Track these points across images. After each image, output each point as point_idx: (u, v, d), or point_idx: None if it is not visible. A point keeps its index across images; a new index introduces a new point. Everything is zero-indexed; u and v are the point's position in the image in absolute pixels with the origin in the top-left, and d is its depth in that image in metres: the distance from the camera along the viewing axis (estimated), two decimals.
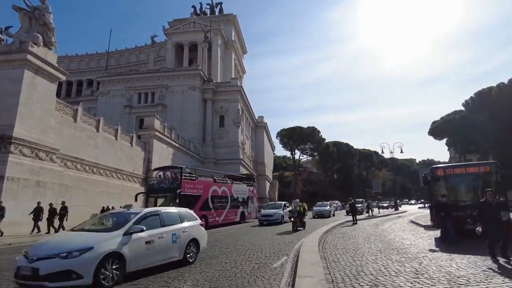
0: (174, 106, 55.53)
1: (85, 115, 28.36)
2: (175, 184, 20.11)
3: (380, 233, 15.11)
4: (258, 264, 8.11)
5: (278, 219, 23.07)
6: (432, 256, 8.45)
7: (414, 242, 11.43)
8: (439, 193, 13.19)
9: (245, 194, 28.83)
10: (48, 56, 22.13)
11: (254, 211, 30.43)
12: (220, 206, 24.19)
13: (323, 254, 8.97)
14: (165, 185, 20.85)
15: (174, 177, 20.93)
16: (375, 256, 8.69)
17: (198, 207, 20.51)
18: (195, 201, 20.69)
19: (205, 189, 22.37)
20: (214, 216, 23.16)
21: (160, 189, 20.76)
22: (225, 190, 25.27)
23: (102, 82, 61.27)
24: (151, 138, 37.16)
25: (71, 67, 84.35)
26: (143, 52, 79.40)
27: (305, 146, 75.11)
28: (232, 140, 56.76)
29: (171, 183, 20.42)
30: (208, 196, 22.58)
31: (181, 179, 20.18)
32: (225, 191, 25.29)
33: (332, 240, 12.65)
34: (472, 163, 13.78)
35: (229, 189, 25.93)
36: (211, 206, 22.74)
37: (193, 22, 70.19)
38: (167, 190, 19.98)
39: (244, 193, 28.70)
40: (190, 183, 20.99)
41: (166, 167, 23.05)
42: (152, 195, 20.50)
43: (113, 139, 31.37)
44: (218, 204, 23.95)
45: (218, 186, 24.50)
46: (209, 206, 22.52)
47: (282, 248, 10.88)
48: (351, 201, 26.11)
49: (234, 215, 26.17)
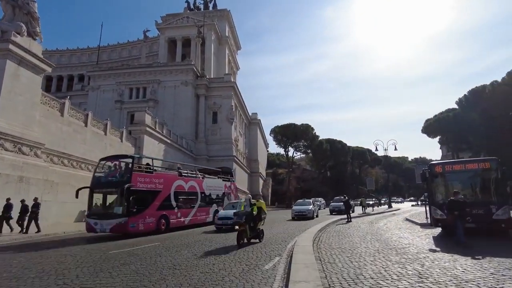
0: (166, 101, 54.59)
1: (73, 109, 27.47)
2: (124, 177, 16.36)
3: (375, 231, 14.65)
4: (248, 266, 7.53)
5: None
6: (434, 257, 7.96)
7: (412, 241, 10.96)
8: (437, 190, 12.80)
9: (220, 190, 25.23)
10: (32, 46, 21.20)
11: None
12: (187, 204, 20.56)
13: (318, 255, 8.42)
14: (114, 178, 17.10)
15: (124, 168, 17.20)
16: (373, 256, 8.17)
17: (156, 206, 17.39)
18: (152, 198, 17.35)
19: (166, 184, 18.52)
20: (178, 216, 19.45)
21: (108, 183, 17.02)
22: (193, 185, 21.42)
23: (93, 77, 60.04)
24: (142, 134, 36.32)
25: (62, 61, 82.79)
26: (135, 47, 78.08)
27: (299, 143, 74.66)
28: (225, 137, 56.06)
29: (121, 176, 16.74)
30: (171, 192, 18.83)
31: (131, 171, 16.45)
32: (194, 187, 21.45)
33: (327, 238, 12.14)
34: (471, 159, 13.30)
35: (199, 185, 22.07)
36: (174, 205, 19.10)
37: (186, 17, 69.14)
38: (115, 184, 16.38)
39: (219, 189, 25.12)
40: (145, 177, 17.17)
41: (116, 156, 18.92)
42: (99, 190, 16.96)
43: (102, 134, 30.54)
44: (184, 202, 20.31)
45: (185, 181, 20.57)
46: (172, 205, 18.96)
47: (274, 248, 10.31)
48: (345, 198, 25.67)
49: (206, 215, 22.40)
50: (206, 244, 11.73)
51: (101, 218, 15.80)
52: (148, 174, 17.52)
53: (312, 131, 74.46)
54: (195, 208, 21.27)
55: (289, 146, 75.11)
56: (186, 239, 13.98)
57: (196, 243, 12.10)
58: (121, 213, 15.55)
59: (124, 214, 15.47)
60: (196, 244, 11.91)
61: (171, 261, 8.42)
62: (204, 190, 22.47)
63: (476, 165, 12.08)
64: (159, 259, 8.86)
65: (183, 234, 16.28)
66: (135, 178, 16.20)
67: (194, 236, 14.96)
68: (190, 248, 10.90)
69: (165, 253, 9.86)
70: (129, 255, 9.62)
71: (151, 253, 10.00)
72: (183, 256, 9.17)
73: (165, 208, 18.24)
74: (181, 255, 9.46)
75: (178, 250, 10.39)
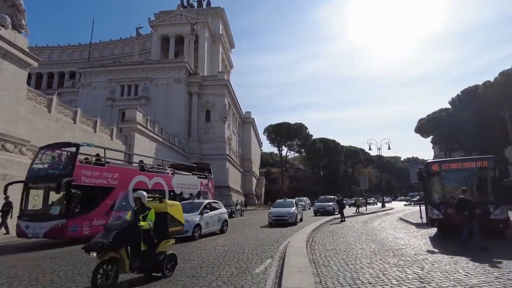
0: (159, 99, 53.85)
1: (61, 105, 26.73)
2: (65, 169, 13.44)
3: (370, 231, 14.29)
4: (238, 269, 7.07)
5: (188, 231, 12.38)
6: (433, 259, 7.58)
7: (408, 242, 10.60)
8: (434, 190, 12.47)
9: (195, 188, 22.60)
10: (17, 40, 20.43)
11: None
12: None
13: (312, 257, 7.99)
14: (55, 171, 14.13)
15: (66, 159, 14.26)
16: (369, 258, 7.77)
17: (108, 206, 13.85)
18: (103, 196, 14.55)
19: (122, 179, 15.78)
20: None
21: (46, 176, 14.01)
22: (160, 182, 18.58)
23: (84, 74, 59.05)
24: (133, 132, 35.65)
25: (53, 58, 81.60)
26: (128, 45, 77.18)
27: (292, 142, 74.52)
28: (218, 136, 55.53)
29: (63, 168, 13.82)
30: (129, 189, 15.84)
31: (74, 162, 13.49)
32: (160, 184, 18.60)
33: (321, 239, 11.72)
34: (469, 158, 13.02)
35: (167, 182, 19.31)
36: (133, 205, 16.46)
37: (180, 15, 68.44)
38: (54, 178, 13.20)
39: (193, 187, 22.48)
40: (93, 170, 14.35)
41: (58, 144, 15.59)
42: (36, 186, 14.00)
43: (91, 132, 29.83)
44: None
45: (148, 177, 17.76)
46: (130, 204, 16.33)
47: (267, 249, 9.86)
48: (338, 197, 25.36)
49: None
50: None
51: (33, 220, 12.81)
52: (97, 167, 14.76)
53: (306, 130, 74.33)
54: None
55: (283, 145, 74.93)
56: None
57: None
58: (58, 214, 12.76)
59: (62, 215, 12.68)
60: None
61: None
62: (173, 188, 19.66)
63: (474, 164, 11.77)
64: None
65: None
66: (78, 171, 13.44)
67: None
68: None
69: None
70: None
71: None
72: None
73: (120, 209, 15.07)
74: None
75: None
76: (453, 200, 11.89)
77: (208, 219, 14.39)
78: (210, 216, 14.58)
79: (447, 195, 12.12)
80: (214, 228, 15.03)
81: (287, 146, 75.87)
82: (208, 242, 11.91)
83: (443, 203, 11.77)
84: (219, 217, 15.64)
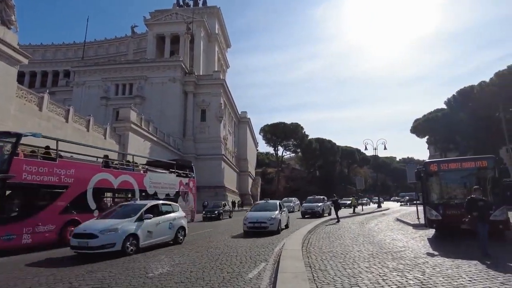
0: (153, 98, 53.35)
1: (52, 104, 26.25)
2: (3, 164, 11.18)
3: (367, 232, 14.01)
4: (230, 274, 6.72)
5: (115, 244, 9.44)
6: (434, 262, 7.29)
7: (407, 244, 10.32)
8: (432, 190, 12.20)
9: (173, 188, 20.03)
10: (6, 36, 19.98)
11: (188, 213, 20.19)
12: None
13: (308, 260, 7.67)
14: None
15: (2, 152, 11.89)
16: (368, 262, 7.46)
17: (60, 208, 12.53)
18: (53, 196, 12.60)
19: (80, 177, 13.58)
20: None
21: None
22: (128, 181, 16.24)
23: (78, 72, 58.38)
24: (127, 131, 35.21)
25: (47, 56, 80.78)
26: (123, 44, 76.49)
27: (288, 142, 74.36)
28: (213, 135, 55.14)
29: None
30: (87, 189, 13.90)
31: (11, 155, 11.32)
32: (129, 183, 16.28)
33: (317, 241, 11.42)
34: (468, 158, 12.77)
35: (138, 180, 16.87)
36: (93, 206, 14.13)
37: (175, 13, 67.93)
38: None
39: (170, 186, 19.87)
40: (40, 165, 12.15)
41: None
42: None
43: (84, 131, 29.37)
44: (113, 203, 15.21)
45: (114, 175, 15.32)
46: (89, 206, 13.96)
47: (261, 252, 9.50)
48: (334, 198, 25.04)
49: None
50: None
51: None
52: (46, 162, 12.58)
53: (302, 130, 74.19)
54: None
55: (279, 145, 74.74)
56: None
57: None
58: None
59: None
60: None
61: (144, 268, 7.57)
62: (146, 188, 17.35)
63: (473, 164, 11.51)
64: (131, 265, 7.99)
65: None
66: (18, 166, 11.25)
67: None
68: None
69: (141, 257, 8.99)
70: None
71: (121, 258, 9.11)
72: (158, 263, 8.30)
73: (78, 211, 13.34)
74: (158, 260, 8.60)
75: (155, 255, 9.53)
76: (452, 200, 11.71)
77: (152, 227, 10.65)
78: (155, 223, 10.83)
79: (446, 196, 11.87)
80: (163, 238, 11.36)
81: (283, 146, 75.71)
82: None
83: (442, 203, 11.51)
84: (171, 223, 11.76)
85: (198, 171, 51.42)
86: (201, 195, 50.46)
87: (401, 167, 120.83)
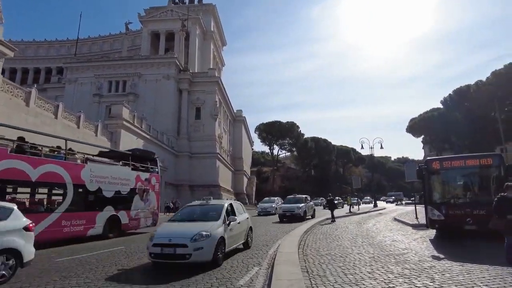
0: (147, 96, 52.51)
1: (41, 99, 25.41)
2: None
3: (366, 233, 13.45)
4: (219, 281, 6.09)
5: None
6: (442, 267, 6.70)
7: (409, 246, 9.75)
8: (434, 189, 11.66)
9: (126, 184, 15.75)
10: None
11: (149, 216, 17.21)
12: (37, 205, 12.09)
13: (305, 264, 7.05)
14: None
15: None
16: (370, 266, 6.86)
17: None
18: None
19: None
20: None
21: None
22: (56, 172, 12.37)
23: (70, 69, 57.36)
24: (119, 128, 34.40)
25: (39, 53, 79.50)
26: (117, 41, 75.44)
27: (284, 141, 73.85)
28: (208, 133, 54.39)
29: None
30: None
31: None
32: (57, 175, 12.42)
33: (314, 242, 10.81)
34: (472, 155, 12.20)
35: (71, 172, 12.96)
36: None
37: (171, 10, 67.01)
38: None
39: (123, 182, 15.60)
40: None
41: None
42: None
43: (74, 127, 28.56)
44: (32, 202, 12.17)
45: (32, 164, 11.55)
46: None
47: (254, 254, 8.88)
48: (330, 197, 24.48)
49: (87, 224, 13.37)
50: None
51: None
52: None
53: (297, 129, 73.76)
54: (58, 213, 12.22)
55: (274, 144, 74.22)
56: None
57: None
58: None
59: None
60: None
61: (125, 276, 6.90)
62: (84, 182, 13.52)
63: (478, 161, 10.95)
64: (112, 269, 7.31)
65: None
66: None
67: None
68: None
69: (124, 260, 8.32)
70: (78, 265, 8.03)
71: (104, 262, 8.42)
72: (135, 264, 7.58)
73: None
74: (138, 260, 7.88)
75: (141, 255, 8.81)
76: (455, 200, 11.17)
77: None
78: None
79: (448, 195, 11.34)
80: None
81: (278, 145, 75.20)
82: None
83: (445, 203, 10.97)
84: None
85: (193, 170, 51.06)
86: (195, 194, 49.92)
87: (396, 167, 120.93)
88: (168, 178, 45.53)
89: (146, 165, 17.97)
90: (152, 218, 17.52)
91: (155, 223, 17.32)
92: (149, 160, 18.89)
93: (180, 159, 50.58)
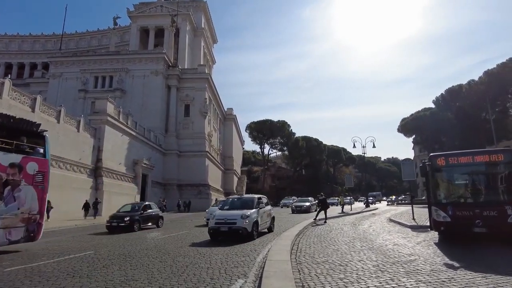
0: (134, 92, 50.83)
1: (16, 91, 23.83)
2: None
3: (363, 235, 12.39)
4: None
5: None
6: (462, 279, 5.64)
7: (414, 251, 8.70)
8: (440, 187, 10.64)
9: None
10: None
11: (17, 225, 10.20)
12: None
13: (300, 276, 5.92)
14: None
15: None
16: (376, 278, 5.76)
17: None
18: None
19: None
20: None
21: None
22: None
23: (55, 63, 55.32)
24: (103, 124, 32.86)
25: (24, 47, 77.06)
26: (105, 36, 73.45)
27: (275, 140, 72.83)
28: (197, 131, 52.94)
29: None
30: None
31: None
32: None
33: (308, 247, 9.68)
34: (481, 150, 11.27)
35: None
36: None
37: (160, 6, 65.44)
38: None
39: None
40: None
41: None
42: None
43: (54, 122, 26.98)
44: None
45: None
46: None
47: (239, 263, 7.67)
48: (322, 196, 23.46)
49: None
50: None
51: None
52: None
53: (288, 128, 72.79)
54: None
55: (265, 143, 73.19)
56: None
57: None
58: None
59: None
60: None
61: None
62: None
63: (487, 158, 9.96)
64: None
65: None
66: None
67: None
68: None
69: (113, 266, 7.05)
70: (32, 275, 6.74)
71: (68, 269, 7.15)
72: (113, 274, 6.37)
73: None
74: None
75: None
76: (463, 199, 10.20)
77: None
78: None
79: (455, 194, 10.35)
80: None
81: (269, 144, 74.16)
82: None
83: (451, 203, 9.97)
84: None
85: (181, 168, 49.56)
86: (183, 193, 48.51)
87: (386, 167, 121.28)
88: (155, 177, 44.05)
89: (21, 144, 10.82)
90: (27, 229, 10.49)
91: (33, 236, 10.74)
92: (27, 134, 11.20)
93: (168, 157, 49.10)
